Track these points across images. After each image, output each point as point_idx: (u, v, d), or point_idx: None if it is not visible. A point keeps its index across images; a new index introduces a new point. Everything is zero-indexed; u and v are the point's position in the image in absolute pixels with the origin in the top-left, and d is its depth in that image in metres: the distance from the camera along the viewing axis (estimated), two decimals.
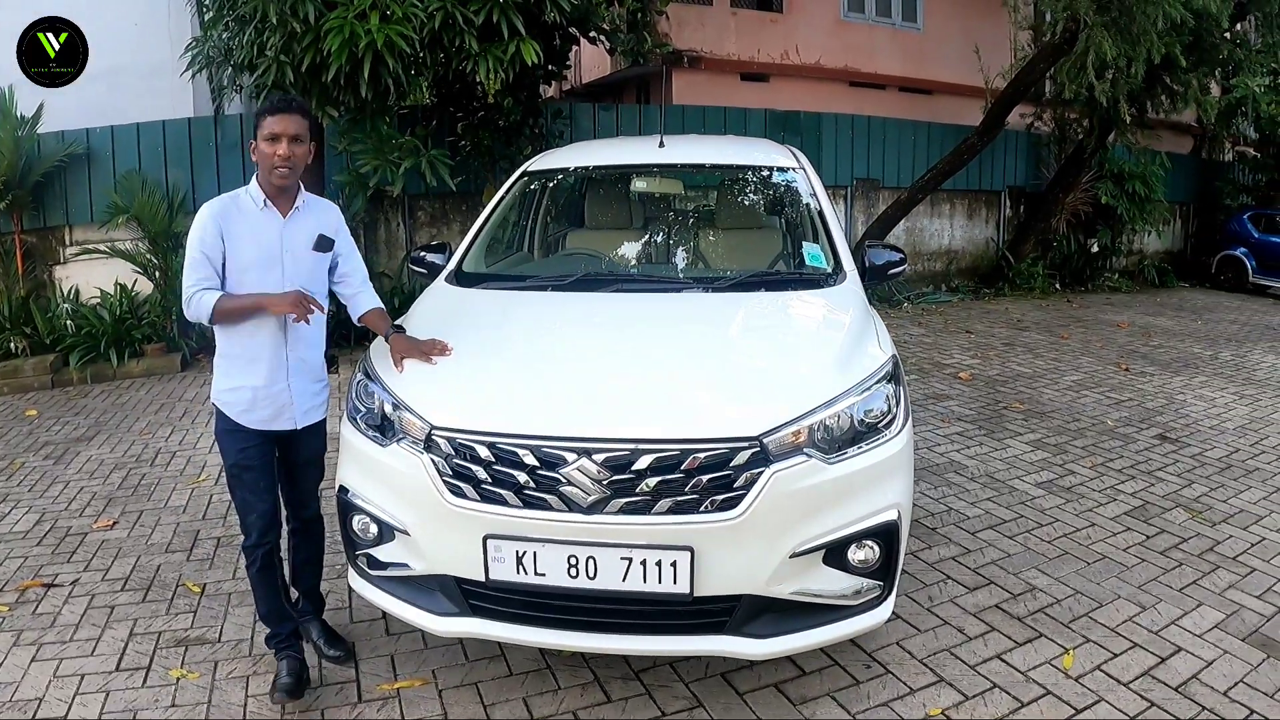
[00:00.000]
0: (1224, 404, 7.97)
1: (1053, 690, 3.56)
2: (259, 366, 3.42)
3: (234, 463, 3.47)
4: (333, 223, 3.64)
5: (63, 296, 9.49)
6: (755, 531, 2.95)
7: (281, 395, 3.47)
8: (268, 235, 3.42)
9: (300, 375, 3.52)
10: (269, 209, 3.43)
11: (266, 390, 3.44)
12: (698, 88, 14.22)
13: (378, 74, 7.30)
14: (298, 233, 3.49)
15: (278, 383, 3.45)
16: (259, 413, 3.45)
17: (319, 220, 3.58)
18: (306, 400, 3.56)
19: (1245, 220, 17.04)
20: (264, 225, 3.41)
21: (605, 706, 3.44)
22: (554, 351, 3.65)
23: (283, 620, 3.57)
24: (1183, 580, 4.52)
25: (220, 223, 3.33)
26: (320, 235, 3.55)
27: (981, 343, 10.71)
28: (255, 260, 3.38)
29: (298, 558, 3.85)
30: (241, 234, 3.36)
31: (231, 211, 3.38)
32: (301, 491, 3.75)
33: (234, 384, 3.44)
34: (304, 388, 3.54)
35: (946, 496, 5.59)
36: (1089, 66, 10.94)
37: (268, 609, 3.55)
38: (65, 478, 6.02)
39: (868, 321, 3.81)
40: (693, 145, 6.24)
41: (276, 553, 3.53)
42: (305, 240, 3.50)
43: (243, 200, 3.43)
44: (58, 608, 4.25)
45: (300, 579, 3.88)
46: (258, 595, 3.56)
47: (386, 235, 10.89)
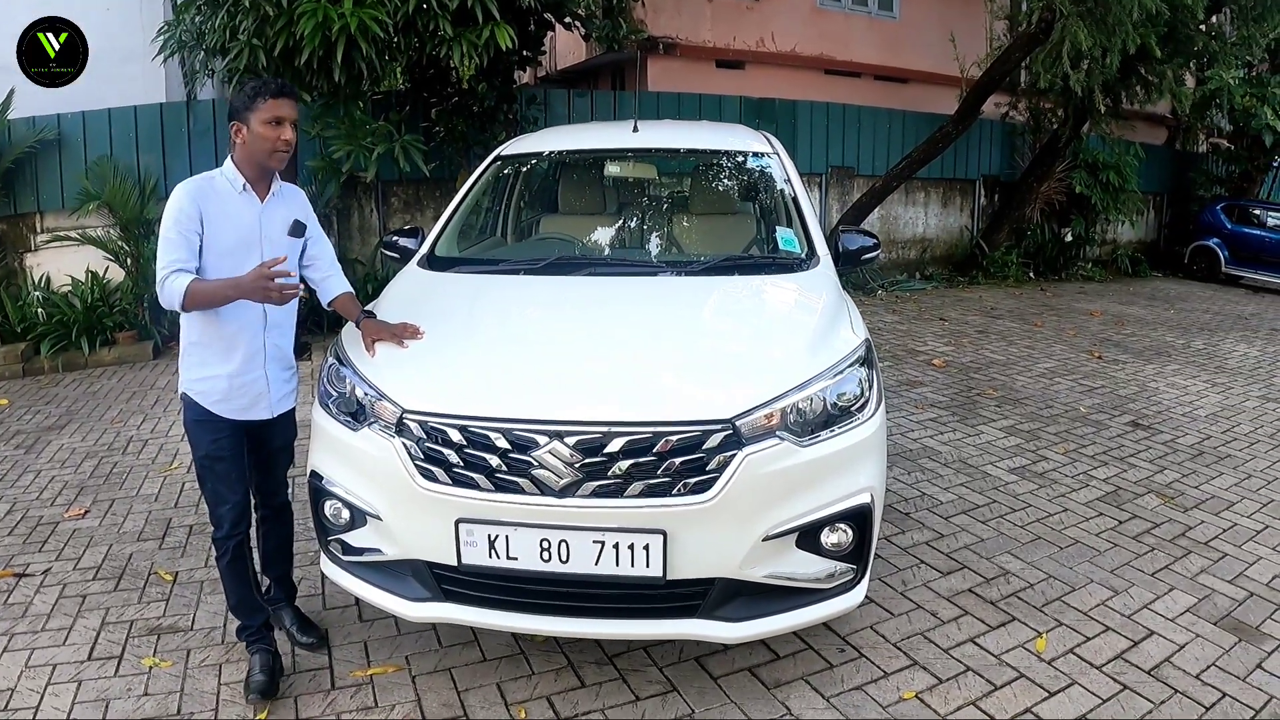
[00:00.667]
0: (1196, 391, 8.03)
1: (1026, 673, 3.58)
2: (235, 354, 3.35)
3: (205, 454, 3.38)
4: (303, 207, 3.60)
5: (34, 284, 9.37)
6: (728, 514, 2.95)
7: (258, 383, 3.41)
8: (246, 219, 3.34)
9: (276, 362, 3.47)
10: (248, 193, 3.35)
11: (243, 378, 3.37)
12: (673, 74, 14.18)
13: (351, 58, 7.25)
14: (274, 218, 3.43)
15: (254, 370, 3.39)
16: (235, 401, 3.38)
17: (292, 205, 3.53)
18: (281, 387, 3.51)
19: (1218, 211, 17.19)
20: (242, 209, 3.34)
21: (579, 691, 3.43)
22: (526, 334, 3.64)
23: (254, 612, 3.51)
24: (1155, 565, 4.56)
25: (199, 203, 3.23)
26: (295, 220, 3.50)
27: (955, 330, 10.75)
28: (233, 245, 3.30)
29: (268, 545, 3.82)
30: (219, 217, 3.27)
31: (208, 193, 3.28)
32: (272, 480, 3.71)
33: (209, 373, 3.35)
34: (278, 374, 3.49)
35: (920, 482, 5.61)
36: (1064, 56, 10.98)
37: (238, 600, 3.50)
38: (36, 467, 5.96)
39: (840, 306, 3.81)
40: (667, 130, 6.23)
41: (247, 544, 3.46)
42: (281, 225, 3.45)
43: (218, 183, 3.33)
44: (29, 597, 4.20)
45: (270, 566, 3.85)
46: (228, 587, 3.50)
47: (360, 222, 10.81)
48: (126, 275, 9.29)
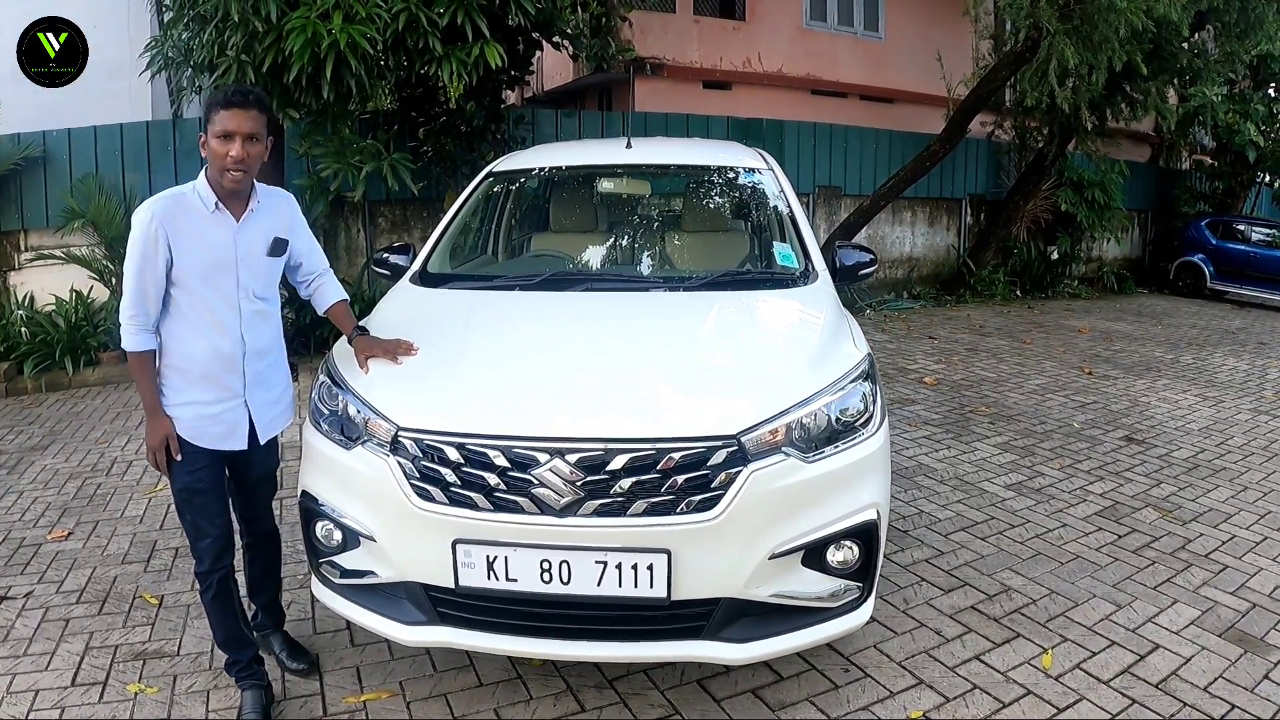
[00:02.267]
0: (1188, 406, 8.03)
1: (1033, 690, 3.54)
2: (212, 382, 3.17)
3: (183, 486, 3.20)
4: (287, 216, 3.39)
5: (17, 303, 9.28)
6: (733, 532, 2.89)
7: (235, 411, 3.23)
8: (219, 241, 3.12)
9: (260, 389, 3.29)
10: (221, 212, 3.13)
11: (219, 407, 3.19)
12: (660, 95, 14.18)
13: (340, 75, 7.20)
14: (253, 238, 3.21)
15: (231, 398, 3.21)
16: (210, 430, 3.19)
17: (274, 219, 3.30)
18: (265, 414, 3.33)
19: (1203, 227, 17.28)
20: (215, 230, 3.11)
21: (579, 716, 3.37)
22: (524, 350, 3.57)
23: (242, 647, 3.37)
24: (1156, 578, 4.53)
25: (165, 226, 3.01)
26: (275, 238, 3.29)
27: (945, 348, 10.74)
28: (206, 269, 3.09)
29: (253, 570, 3.68)
30: (189, 238, 3.05)
31: (176, 213, 3.06)
32: (255, 508, 3.56)
33: (183, 399, 3.15)
34: (262, 401, 3.30)
35: (917, 499, 5.56)
36: (1051, 74, 11.00)
37: (226, 636, 3.35)
38: (19, 488, 5.86)
39: (841, 320, 3.77)
40: (660, 147, 6.21)
41: (232, 577, 3.31)
42: (261, 245, 3.24)
43: (189, 200, 3.11)
44: (11, 621, 4.11)
45: (258, 592, 3.71)
46: (213, 622, 3.36)
47: (347, 242, 10.75)
48: (111, 294, 9.19)
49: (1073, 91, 11.71)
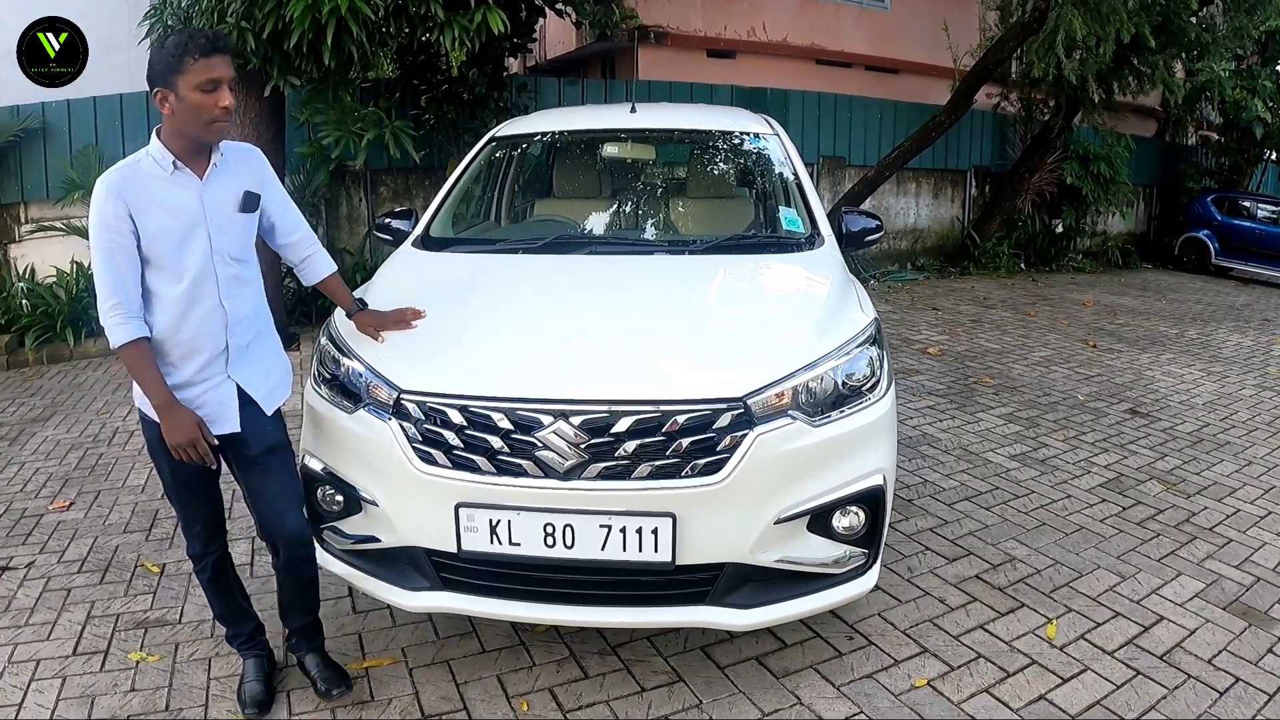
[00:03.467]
0: (1192, 380, 8.00)
1: (1038, 660, 3.52)
2: (191, 361, 2.91)
3: (171, 477, 3.01)
4: (256, 171, 3.08)
5: (17, 275, 9.24)
6: (739, 496, 2.86)
7: (222, 388, 2.96)
8: (184, 204, 2.84)
9: (245, 361, 3.02)
10: (182, 171, 2.84)
11: (203, 386, 2.93)
12: (664, 64, 14.09)
13: (341, 42, 7.12)
14: (220, 195, 2.93)
15: (214, 375, 2.95)
16: (198, 413, 2.91)
17: (240, 174, 3.01)
18: (260, 385, 3.06)
19: (1208, 203, 17.17)
20: (177, 192, 2.84)
21: (583, 683, 3.35)
22: (527, 313, 3.53)
23: (242, 620, 3.30)
24: (1161, 550, 4.51)
25: (125, 198, 2.75)
26: (245, 192, 3.00)
27: (949, 319, 10.70)
28: (175, 237, 2.82)
29: (286, 595, 3.27)
30: (149, 207, 2.79)
31: (132, 182, 2.79)
32: (268, 506, 3.10)
33: None
34: (253, 373, 3.04)
35: (921, 469, 5.53)
36: (1058, 45, 10.92)
37: (224, 611, 3.29)
38: (20, 459, 5.84)
39: (848, 285, 3.74)
40: (665, 111, 6.15)
41: (227, 557, 3.23)
42: (230, 202, 2.96)
43: (144, 166, 2.83)
44: (12, 591, 4.09)
45: (291, 616, 3.30)
46: (211, 599, 3.28)
47: (348, 211, 10.71)
48: None
49: (1080, 63, 11.63)
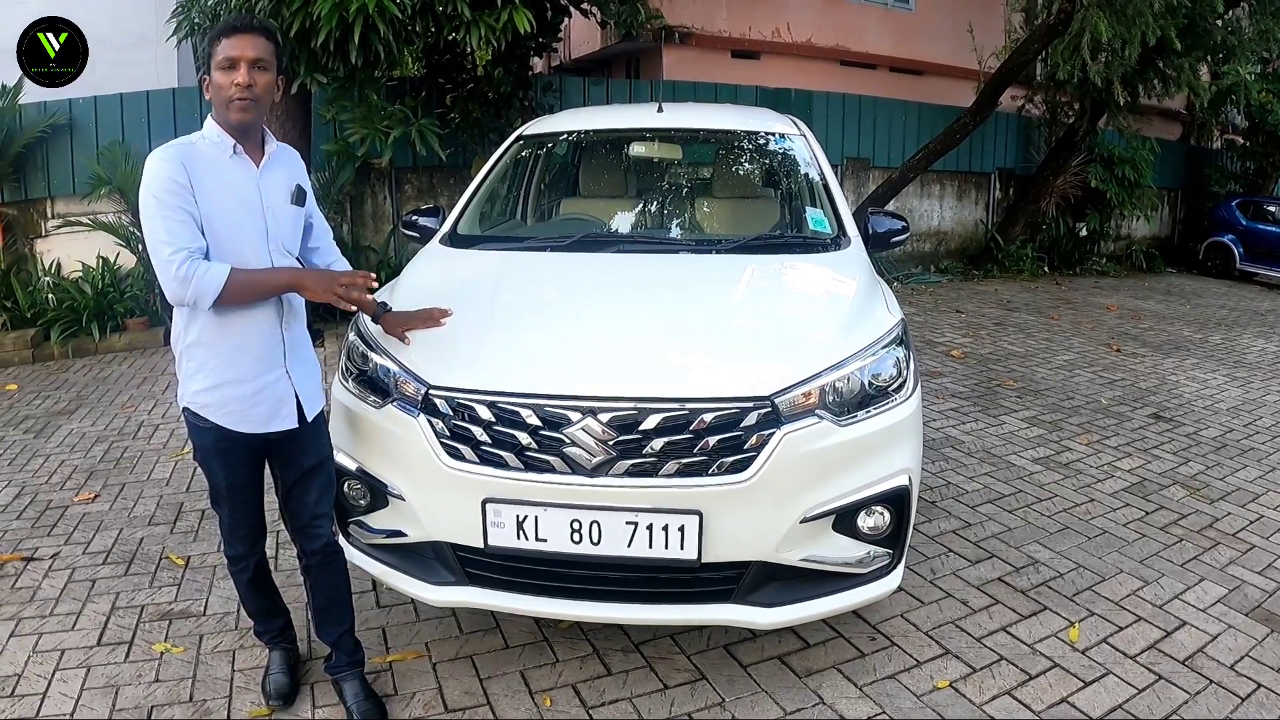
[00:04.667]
0: (1216, 385, 7.94)
1: (1060, 663, 3.51)
2: (246, 355, 2.82)
3: (219, 482, 2.94)
4: (301, 171, 3.09)
5: (44, 270, 9.34)
6: (766, 495, 2.87)
7: (281, 384, 2.90)
8: (244, 189, 2.80)
9: (299, 359, 2.97)
10: (240, 156, 2.80)
11: (259, 382, 2.85)
12: (688, 64, 14.12)
13: (368, 40, 7.16)
14: (275, 184, 2.90)
15: (272, 370, 2.88)
16: (253, 412, 2.85)
17: (291, 168, 3.02)
18: (306, 386, 2.99)
19: (1233, 207, 17.03)
20: (237, 176, 2.79)
21: (606, 680, 3.36)
22: (555, 310, 3.55)
23: (274, 616, 3.30)
24: (1183, 555, 4.48)
25: (187, 170, 2.66)
26: (297, 185, 2.99)
27: (972, 322, 10.66)
28: (233, 215, 2.76)
29: (318, 601, 3.20)
30: (212, 186, 2.71)
31: (192, 157, 2.70)
32: (308, 513, 3.08)
33: (216, 380, 2.81)
34: (302, 372, 2.98)
35: (944, 471, 5.53)
36: (1084, 47, 10.89)
37: (257, 608, 3.26)
38: (45, 451, 5.89)
39: (875, 285, 3.74)
40: (692, 111, 6.15)
41: (266, 561, 3.20)
42: (283, 193, 2.93)
43: (201, 147, 2.76)
44: (37, 582, 4.12)
45: (325, 626, 3.21)
46: (245, 597, 3.24)
47: (373, 209, 10.76)
48: (138, 261, 9.22)
49: (1105, 66, 11.58)
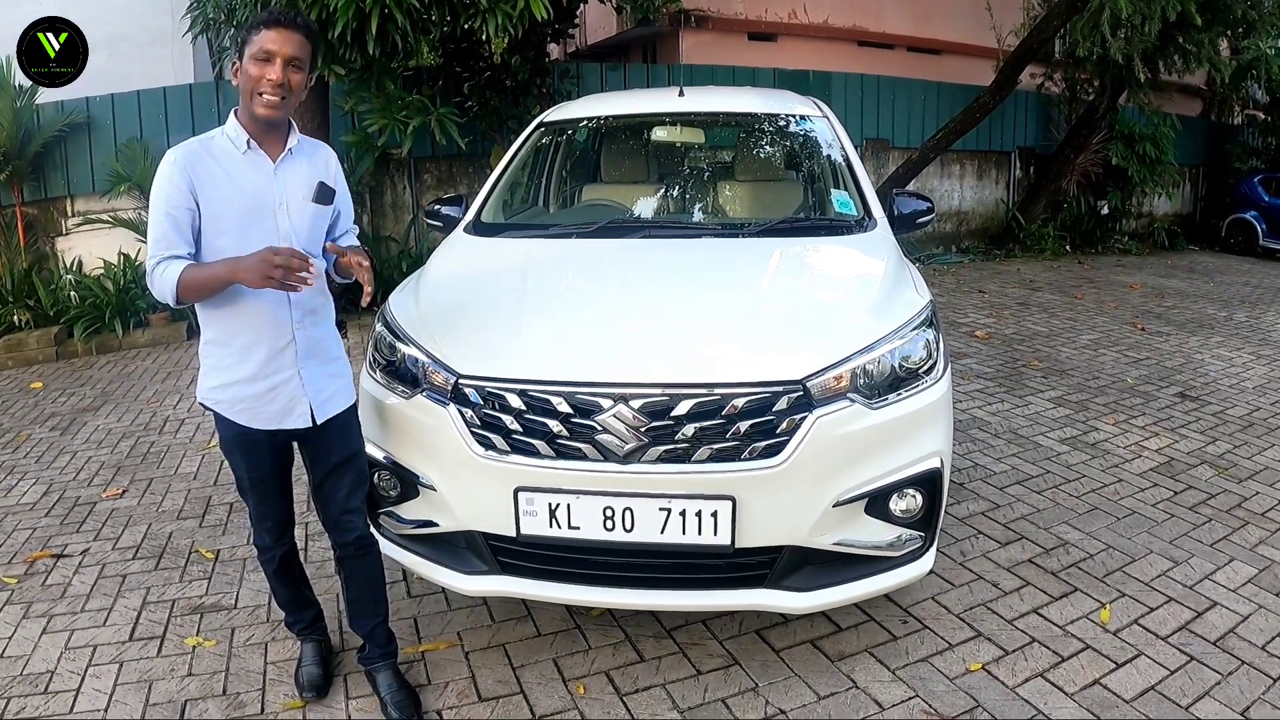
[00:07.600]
0: (1242, 364, 7.87)
1: (1092, 644, 3.49)
2: (255, 353, 2.81)
3: (243, 474, 2.98)
4: (331, 167, 2.99)
5: (65, 268, 9.39)
6: (798, 479, 2.86)
7: (290, 385, 2.86)
8: (255, 186, 2.76)
9: (312, 357, 2.91)
10: (254, 152, 2.77)
11: (268, 382, 2.83)
12: (705, 48, 14.08)
13: (385, 31, 7.15)
14: (292, 181, 2.83)
15: (282, 370, 2.84)
16: (263, 410, 2.86)
17: (315, 165, 2.92)
18: (323, 387, 2.93)
19: (1255, 184, 16.86)
20: (249, 173, 2.76)
21: (639, 666, 3.36)
22: (583, 297, 3.54)
23: (304, 606, 3.32)
24: (1213, 536, 4.45)
25: (189, 174, 2.65)
26: (320, 184, 2.89)
27: (995, 302, 10.61)
28: (240, 217, 2.72)
29: (351, 593, 3.20)
30: (219, 185, 2.70)
31: (202, 159, 2.70)
32: (338, 508, 3.07)
33: (228, 378, 2.83)
34: (316, 372, 2.92)
35: (972, 452, 5.50)
36: (1104, 24, 10.83)
37: (287, 599, 3.28)
38: (73, 448, 5.92)
39: (903, 267, 3.72)
40: (713, 95, 6.13)
41: (295, 551, 3.22)
42: (303, 190, 2.85)
43: (218, 144, 2.75)
44: (68, 578, 4.15)
45: (359, 618, 3.21)
46: (275, 588, 3.27)
47: (393, 199, 10.76)
48: None
49: (1125, 42, 11.48)
